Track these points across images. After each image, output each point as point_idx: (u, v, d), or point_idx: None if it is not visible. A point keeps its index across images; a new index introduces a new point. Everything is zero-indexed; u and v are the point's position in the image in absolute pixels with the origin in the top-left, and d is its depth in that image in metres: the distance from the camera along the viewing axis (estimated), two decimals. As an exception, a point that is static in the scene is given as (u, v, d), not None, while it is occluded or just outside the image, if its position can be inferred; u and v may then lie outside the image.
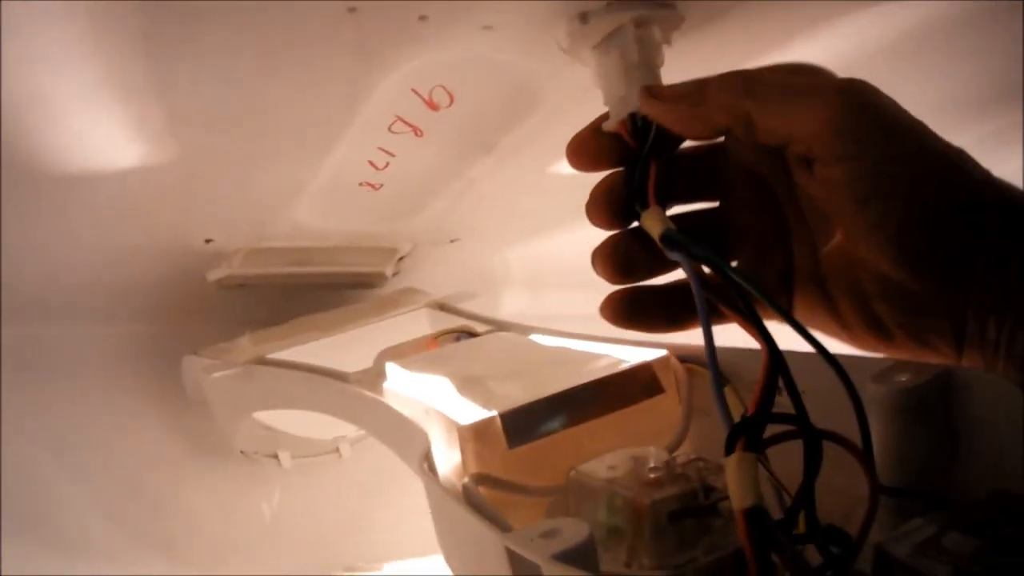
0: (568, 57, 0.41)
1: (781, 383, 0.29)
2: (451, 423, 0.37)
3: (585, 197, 0.40)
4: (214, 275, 0.64)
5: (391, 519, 0.66)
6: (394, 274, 0.71)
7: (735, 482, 0.26)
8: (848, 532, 0.27)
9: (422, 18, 0.39)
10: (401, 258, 0.68)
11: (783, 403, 0.29)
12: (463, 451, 0.37)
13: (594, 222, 0.39)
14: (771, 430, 0.28)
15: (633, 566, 0.30)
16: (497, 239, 0.74)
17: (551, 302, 0.81)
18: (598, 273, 0.40)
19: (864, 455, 0.28)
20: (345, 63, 0.42)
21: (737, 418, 0.28)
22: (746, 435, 0.27)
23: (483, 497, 0.33)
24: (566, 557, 0.25)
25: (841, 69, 0.36)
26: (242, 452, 0.66)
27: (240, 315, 0.71)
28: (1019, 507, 0.27)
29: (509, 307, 0.78)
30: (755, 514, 0.25)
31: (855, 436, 0.29)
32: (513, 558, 0.27)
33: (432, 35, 0.40)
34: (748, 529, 0.25)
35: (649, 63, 0.38)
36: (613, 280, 0.39)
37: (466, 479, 0.34)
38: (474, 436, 0.36)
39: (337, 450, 0.68)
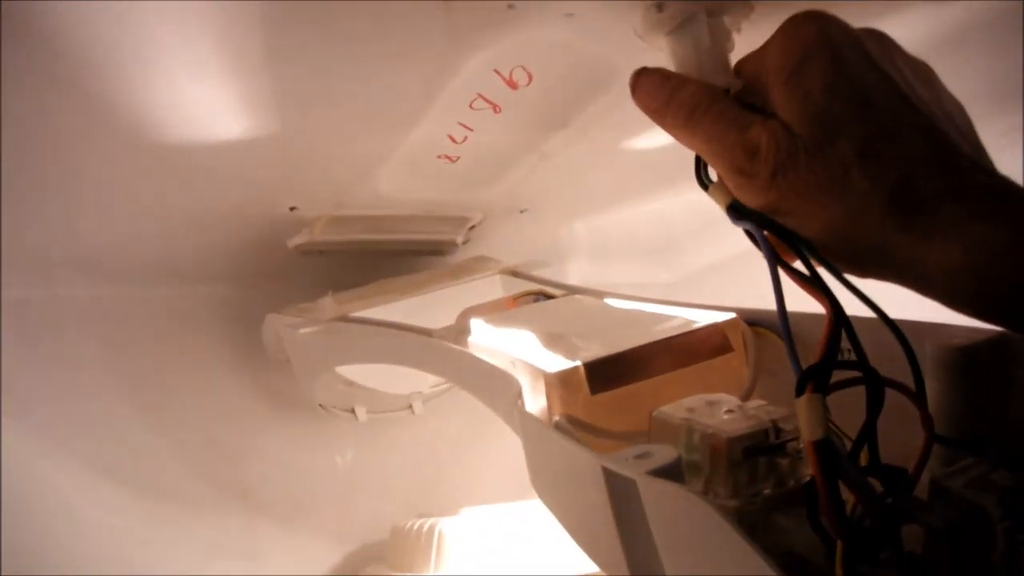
0: (643, 42, 0.44)
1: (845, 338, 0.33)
2: (538, 372, 0.42)
3: (647, 172, 0.43)
4: (295, 241, 0.69)
5: (460, 472, 0.71)
6: (464, 242, 0.75)
7: (805, 418, 0.30)
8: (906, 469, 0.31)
9: (510, 6, 0.43)
10: (472, 227, 0.73)
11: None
12: (549, 397, 0.41)
13: None
14: (837, 377, 0.32)
15: (709, 496, 0.34)
16: (565, 211, 0.78)
17: (614, 272, 0.85)
18: None
19: (919, 398, 0.31)
20: (435, 47, 0.46)
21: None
22: (814, 379, 0.31)
23: (574, 432, 0.37)
24: (659, 473, 0.29)
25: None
26: (321, 406, 0.70)
27: (316, 279, 0.75)
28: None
29: (574, 276, 0.82)
30: (824, 445, 0.29)
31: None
32: (609, 477, 0.31)
33: (517, 22, 0.44)
34: (818, 459, 0.29)
35: (719, 49, 0.41)
36: None
37: (557, 417, 0.38)
38: (560, 383, 0.41)
39: (410, 407, 0.72)
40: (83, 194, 0.56)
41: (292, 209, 0.65)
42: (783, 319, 0.34)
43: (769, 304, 0.35)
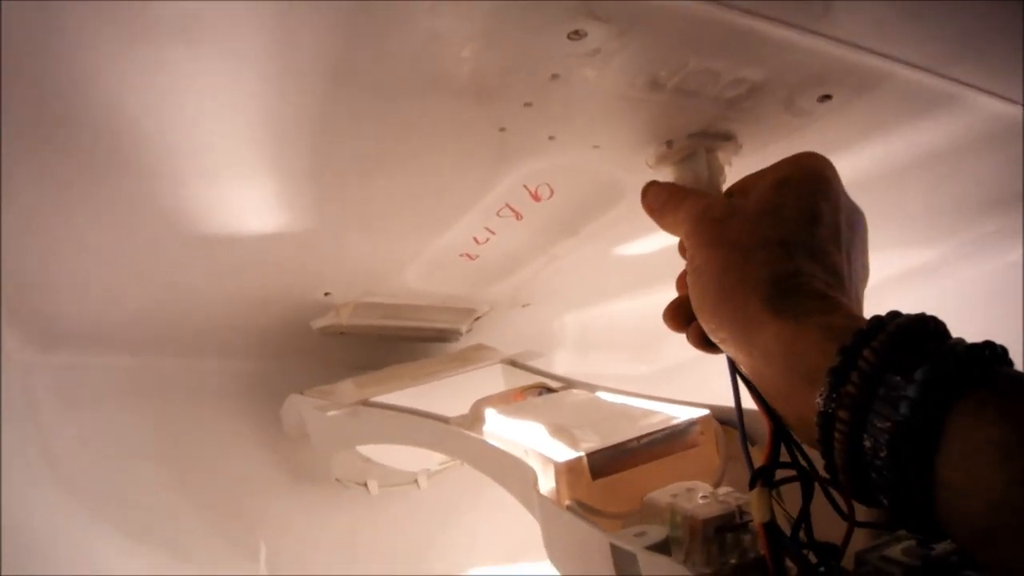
0: (652, 170, 0.56)
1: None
2: (548, 460, 0.53)
3: (635, 274, 0.54)
4: (319, 323, 0.80)
5: (462, 539, 0.81)
6: (467, 331, 0.86)
7: (756, 506, 0.41)
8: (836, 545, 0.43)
9: (551, 138, 0.54)
10: (477, 318, 0.84)
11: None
12: (558, 481, 0.52)
13: (669, 325, 0.51)
14: (783, 474, 0.43)
15: (687, 565, 0.45)
16: (561, 305, 0.90)
17: (595, 362, 0.97)
18: (667, 323, 0.51)
19: (844, 492, 0.43)
20: (483, 167, 0.57)
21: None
22: (761, 477, 0.42)
23: (584, 513, 0.48)
24: (653, 548, 0.40)
25: (866, 180, 0.51)
26: (337, 480, 0.81)
27: (331, 357, 0.86)
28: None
29: (560, 366, 0.94)
30: (770, 527, 0.40)
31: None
32: (615, 550, 0.42)
33: (554, 149, 0.56)
34: (765, 536, 0.40)
35: (714, 179, 0.54)
36: (677, 329, 0.50)
37: (568, 501, 0.50)
38: (567, 470, 0.52)
39: (416, 481, 0.83)
40: (128, 275, 0.66)
41: (326, 295, 0.76)
42: (742, 435, 0.45)
43: (727, 400, 0.46)
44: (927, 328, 0.35)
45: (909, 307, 0.37)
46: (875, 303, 0.43)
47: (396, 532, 0.83)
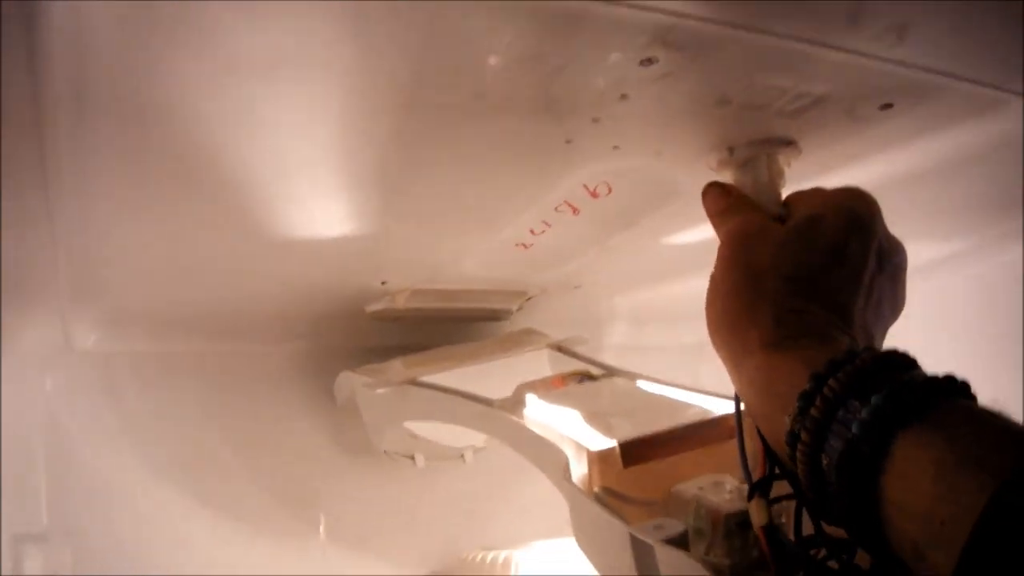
0: (714, 172, 0.57)
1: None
2: (582, 448, 0.56)
3: (691, 260, 0.56)
4: (373, 308, 0.83)
5: (505, 513, 0.85)
6: (518, 310, 0.89)
7: (755, 513, 0.43)
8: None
9: (615, 148, 0.56)
10: (528, 298, 0.86)
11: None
12: (590, 468, 0.55)
13: None
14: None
15: (710, 556, 0.48)
16: (612, 287, 0.93)
17: (647, 335, 1.00)
18: None
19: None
20: (550, 175, 0.59)
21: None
22: (759, 490, 0.44)
23: (610, 502, 0.51)
24: (670, 541, 0.43)
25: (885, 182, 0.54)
26: (385, 452, 0.85)
27: (382, 337, 0.89)
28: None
29: (615, 337, 0.98)
30: (769, 529, 0.42)
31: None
32: (634, 542, 0.45)
33: (617, 156, 0.57)
34: (766, 537, 0.42)
35: (773, 182, 0.55)
36: None
37: (597, 489, 0.52)
38: (599, 458, 0.55)
39: (462, 456, 0.86)
40: (206, 270, 0.70)
41: (383, 283, 0.79)
42: (741, 449, 0.47)
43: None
44: (895, 360, 0.38)
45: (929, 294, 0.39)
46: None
47: (447, 503, 0.87)
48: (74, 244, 0.62)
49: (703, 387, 0.62)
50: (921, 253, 0.82)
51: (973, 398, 0.36)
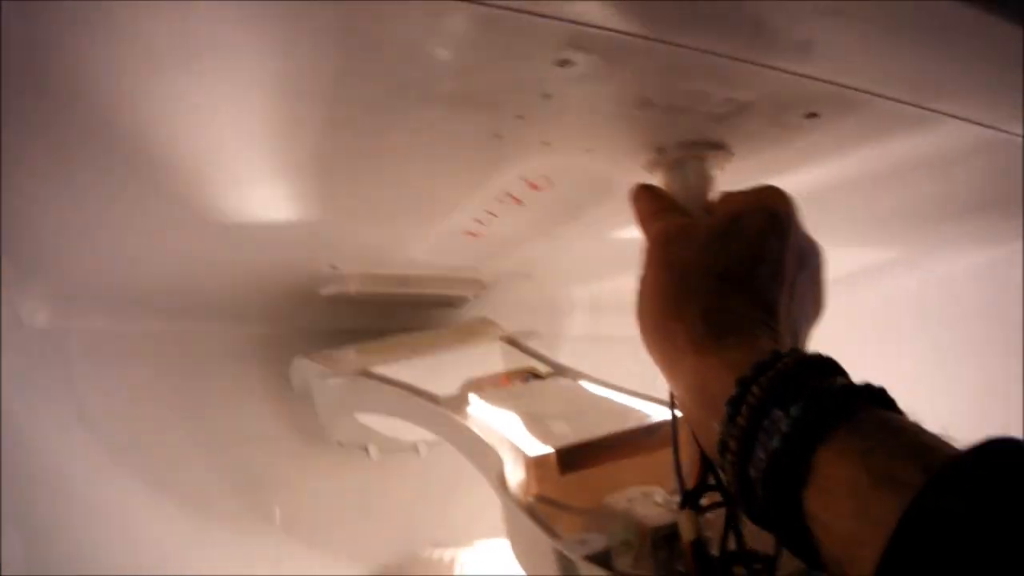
0: (645, 171, 0.57)
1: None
2: (520, 452, 0.56)
3: (637, 256, 0.57)
4: (327, 291, 0.83)
5: (457, 508, 0.85)
6: (475, 297, 0.89)
7: (684, 526, 0.44)
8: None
9: (545, 143, 0.56)
10: (484, 287, 0.86)
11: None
12: (527, 474, 0.55)
13: None
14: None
15: (637, 568, 0.48)
16: (568, 277, 0.93)
17: (606, 324, 1.00)
18: None
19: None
20: (483, 167, 0.60)
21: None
22: (690, 501, 0.45)
23: (542, 513, 0.51)
24: (591, 558, 0.43)
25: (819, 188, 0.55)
26: (338, 442, 0.85)
27: (337, 321, 0.89)
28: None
29: (576, 328, 0.98)
30: (696, 544, 0.43)
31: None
32: (559, 555, 0.45)
33: (549, 152, 0.57)
34: (692, 552, 0.43)
35: (701, 185, 0.55)
36: None
37: (532, 497, 0.52)
38: (536, 464, 0.55)
39: (416, 448, 0.87)
40: (148, 250, 0.71)
41: (332, 267, 0.79)
42: (676, 458, 0.47)
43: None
44: (817, 365, 0.38)
45: (885, 294, 0.39)
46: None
47: (395, 496, 0.87)
48: (13, 221, 0.61)
49: (661, 378, 0.62)
50: (847, 261, 0.84)
51: (891, 404, 0.37)
